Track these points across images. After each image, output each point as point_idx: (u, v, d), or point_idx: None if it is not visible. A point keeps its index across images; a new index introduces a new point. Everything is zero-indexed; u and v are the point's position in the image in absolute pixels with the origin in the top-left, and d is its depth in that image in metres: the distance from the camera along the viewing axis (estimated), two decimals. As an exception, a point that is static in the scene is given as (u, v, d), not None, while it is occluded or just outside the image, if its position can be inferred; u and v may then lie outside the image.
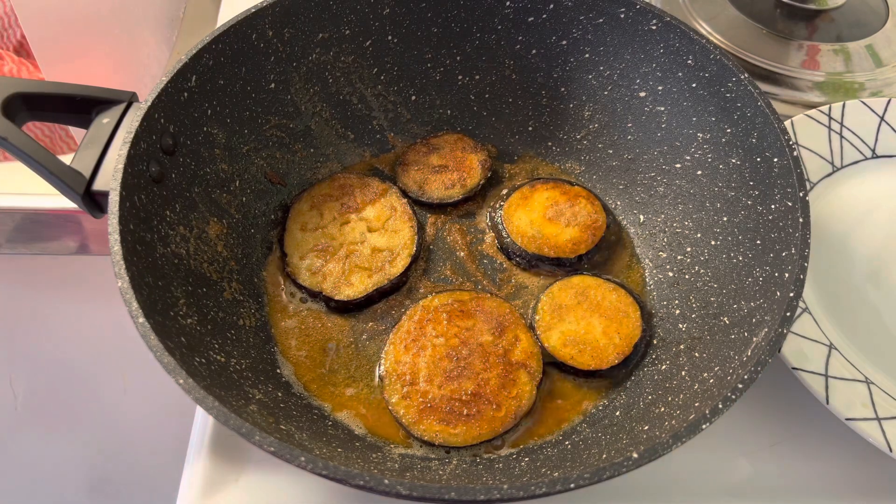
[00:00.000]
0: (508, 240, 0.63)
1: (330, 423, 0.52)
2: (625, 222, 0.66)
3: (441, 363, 0.54)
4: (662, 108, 0.63)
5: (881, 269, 0.62)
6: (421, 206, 0.67)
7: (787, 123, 0.66)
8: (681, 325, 0.56)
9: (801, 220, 0.49)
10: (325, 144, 0.68)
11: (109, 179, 0.47)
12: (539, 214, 0.64)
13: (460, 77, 0.70)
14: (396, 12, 0.65)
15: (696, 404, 0.45)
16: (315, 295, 0.59)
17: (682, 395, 0.48)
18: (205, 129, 0.57)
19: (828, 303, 0.59)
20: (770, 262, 0.50)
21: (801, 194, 0.50)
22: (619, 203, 0.67)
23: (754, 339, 0.46)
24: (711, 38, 0.79)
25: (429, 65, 0.69)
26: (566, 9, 0.64)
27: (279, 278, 0.61)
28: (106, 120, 0.54)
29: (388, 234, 0.62)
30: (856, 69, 0.77)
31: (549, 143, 0.70)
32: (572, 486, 0.37)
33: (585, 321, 0.58)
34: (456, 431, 0.51)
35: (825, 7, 0.83)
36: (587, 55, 0.65)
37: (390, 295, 0.61)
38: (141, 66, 0.89)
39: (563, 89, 0.68)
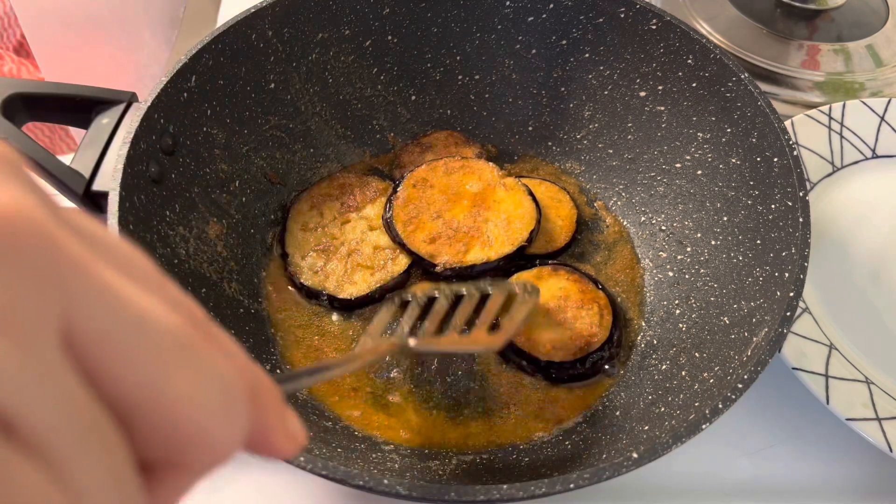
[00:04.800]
0: None
1: (330, 423, 0.52)
2: (625, 222, 0.66)
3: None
4: (662, 108, 0.62)
5: (882, 269, 0.62)
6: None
7: (787, 123, 0.65)
8: (681, 325, 0.56)
9: (801, 219, 0.49)
10: (324, 144, 0.68)
11: (109, 180, 0.47)
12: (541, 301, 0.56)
13: (460, 77, 0.70)
14: (396, 12, 0.65)
15: (696, 404, 0.45)
16: (317, 294, 0.59)
17: (682, 395, 0.48)
18: (204, 129, 0.57)
19: (828, 303, 0.59)
20: (770, 262, 0.50)
21: (801, 194, 0.50)
22: (619, 203, 0.67)
23: (754, 338, 0.46)
24: (711, 37, 0.79)
25: (429, 65, 0.69)
26: (566, 8, 0.64)
27: (279, 278, 0.61)
28: (105, 120, 0.54)
29: (389, 234, 0.62)
30: (856, 69, 0.77)
31: (549, 143, 0.70)
32: (572, 486, 0.37)
33: None
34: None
35: (825, 7, 0.83)
36: (587, 55, 0.65)
37: (392, 293, 0.61)
38: (141, 66, 0.90)
39: (563, 89, 0.68)
